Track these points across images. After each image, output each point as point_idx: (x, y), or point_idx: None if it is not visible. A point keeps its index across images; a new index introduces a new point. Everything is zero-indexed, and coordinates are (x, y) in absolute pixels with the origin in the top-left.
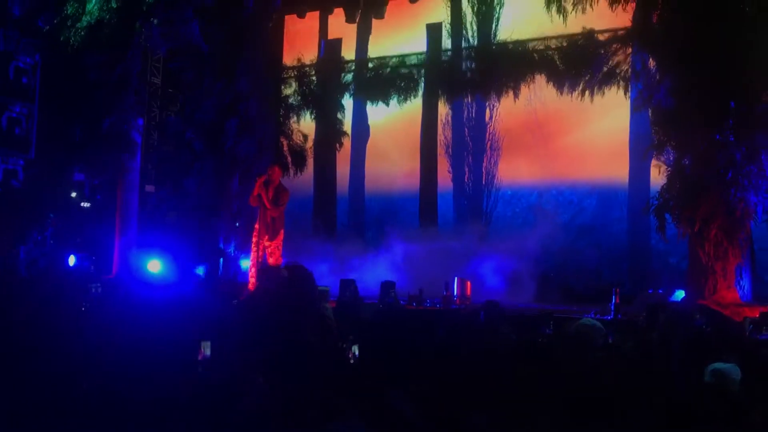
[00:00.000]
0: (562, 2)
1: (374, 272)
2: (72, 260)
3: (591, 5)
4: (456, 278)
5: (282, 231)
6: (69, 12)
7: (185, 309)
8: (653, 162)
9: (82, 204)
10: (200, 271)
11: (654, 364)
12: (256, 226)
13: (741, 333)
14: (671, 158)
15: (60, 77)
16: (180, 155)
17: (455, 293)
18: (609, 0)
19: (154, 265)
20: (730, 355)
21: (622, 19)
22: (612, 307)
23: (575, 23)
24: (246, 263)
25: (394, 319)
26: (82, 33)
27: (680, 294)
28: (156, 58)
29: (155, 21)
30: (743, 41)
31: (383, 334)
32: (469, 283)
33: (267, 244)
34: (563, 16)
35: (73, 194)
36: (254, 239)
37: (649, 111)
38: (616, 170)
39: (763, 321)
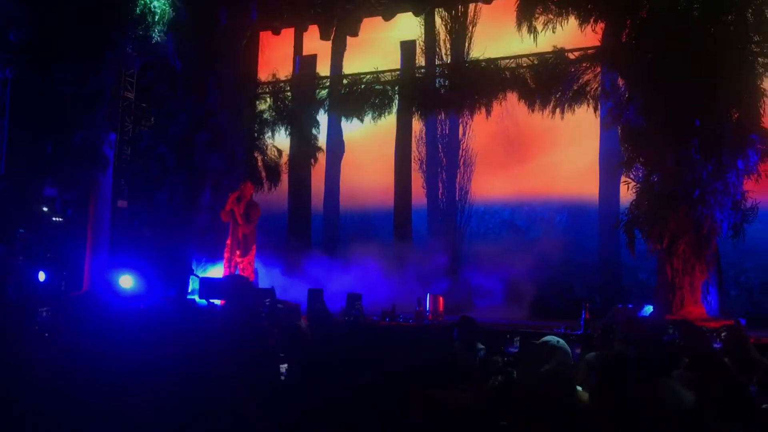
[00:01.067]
0: (533, 22)
1: (348, 288)
2: (42, 276)
3: (561, 25)
4: (428, 294)
5: (254, 246)
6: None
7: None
8: (623, 179)
9: (54, 219)
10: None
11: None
12: (228, 241)
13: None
14: (640, 175)
15: (31, 91)
16: (152, 170)
17: (428, 309)
18: (578, 21)
19: (126, 281)
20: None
21: (592, 38)
22: (582, 323)
23: (546, 42)
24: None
25: (359, 335)
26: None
27: (649, 309)
28: (129, 73)
29: (130, 36)
30: (709, 61)
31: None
32: (441, 298)
33: (239, 260)
34: (534, 35)
35: (45, 209)
36: (226, 255)
37: (619, 129)
38: (587, 187)
39: (716, 331)
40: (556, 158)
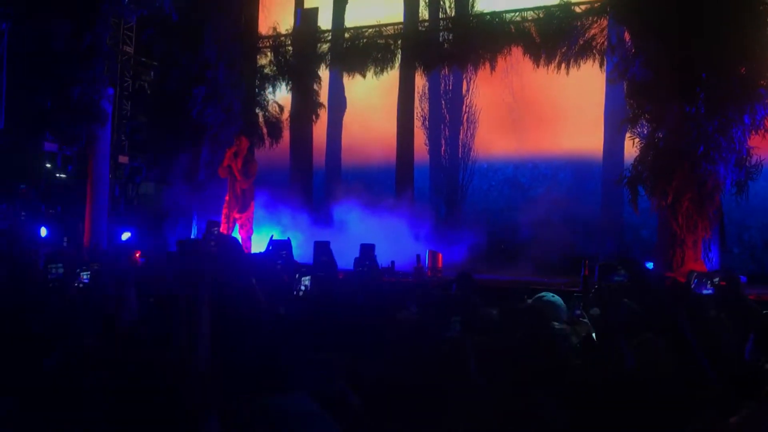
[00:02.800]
0: None
1: (347, 244)
2: (44, 231)
3: None
4: (427, 250)
5: (252, 203)
6: None
7: None
8: (627, 135)
9: (56, 175)
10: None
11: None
12: (227, 197)
13: (686, 289)
14: (645, 131)
15: (28, 46)
16: (152, 125)
17: (426, 265)
18: None
19: (127, 236)
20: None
21: None
22: (581, 280)
23: None
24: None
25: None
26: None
27: (649, 266)
28: (128, 27)
29: None
30: (717, 13)
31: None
32: (440, 255)
33: (237, 216)
34: None
35: (48, 165)
36: (224, 211)
37: (624, 84)
38: (591, 143)
39: (708, 276)
40: (560, 115)
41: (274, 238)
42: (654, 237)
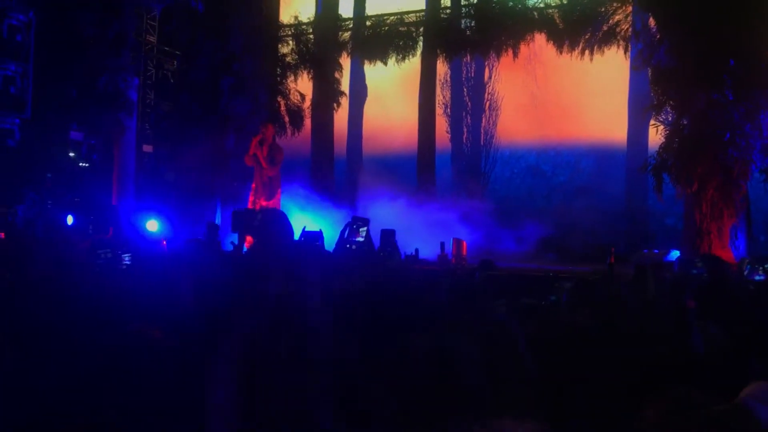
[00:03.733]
0: None
1: (372, 231)
2: (70, 220)
3: None
4: (452, 238)
5: (279, 190)
6: None
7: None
8: (652, 122)
9: (80, 164)
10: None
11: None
12: (253, 185)
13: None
14: (670, 118)
15: (55, 35)
16: (176, 115)
17: (451, 253)
18: None
19: (152, 225)
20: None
21: None
22: (607, 267)
23: None
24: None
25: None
26: None
27: (675, 254)
28: (151, 17)
29: None
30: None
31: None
32: (464, 243)
33: (264, 203)
34: None
35: (71, 154)
36: (251, 198)
37: (649, 71)
38: (615, 131)
39: (759, 262)
40: (583, 102)
41: (306, 229)
42: (678, 225)
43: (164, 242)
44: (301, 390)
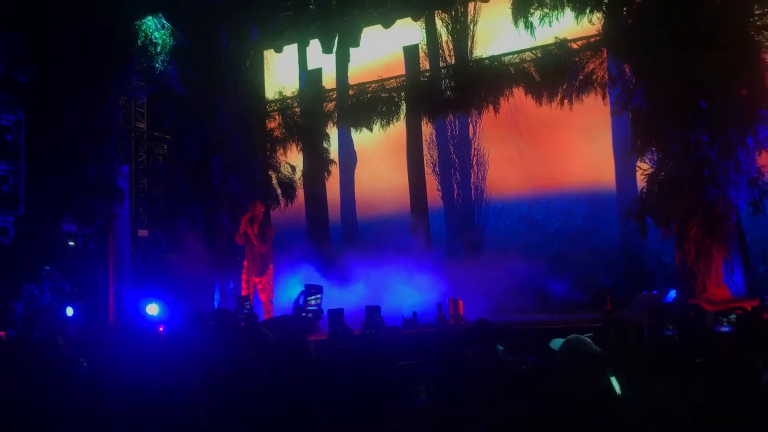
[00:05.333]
0: (529, 18)
1: (370, 297)
2: (69, 311)
3: (557, 18)
4: (448, 298)
5: (271, 266)
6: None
7: None
8: (637, 165)
9: (76, 254)
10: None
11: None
12: (245, 262)
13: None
14: (655, 159)
15: (43, 130)
16: (170, 197)
17: (448, 314)
18: (574, 12)
19: (152, 308)
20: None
21: (594, 26)
22: (605, 314)
23: (548, 33)
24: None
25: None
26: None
27: (672, 294)
28: (139, 104)
29: (134, 68)
30: (710, 39)
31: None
32: (461, 302)
33: (257, 280)
34: (531, 30)
35: (71, 243)
36: (244, 276)
37: (629, 114)
38: (603, 175)
39: (724, 313)
40: (569, 149)
41: (306, 284)
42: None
43: (161, 327)
44: None
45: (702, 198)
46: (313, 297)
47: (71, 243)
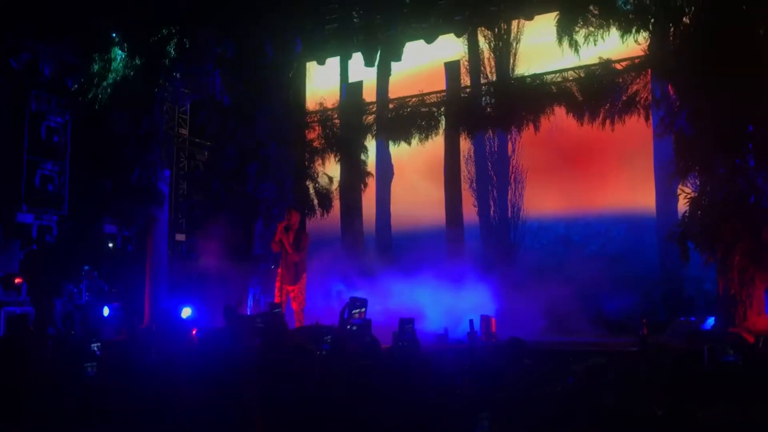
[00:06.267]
0: (574, 36)
1: (403, 309)
2: (106, 311)
3: (602, 37)
4: (480, 315)
5: (305, 275)
6: (95, 70)
7: None
8: (679, 188)
9: (115, 256)
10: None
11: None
12: (279, 270)
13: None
14: (697, 183)
15: (89, 133)
16: (208, 203)
17: (480, 330)
18: (620, 32)
19: (186, 312)
20: None
21: (639, 46)
22: (641, 340)
23: (593, 53)
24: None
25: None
26: (109, 90)
27: (711, 321)
28: (182, 111)
29: (177, 75)
30: (759, 62)
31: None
32: (493, 320)
33: (290, 288)
34: (575, 49)
35: (111, 245)
36: (277, 284)
37: (673, 137)
38: (643, 198)
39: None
40: (609, 170)
41: (351, 297)
42: (716, 289)
43: (194, 331)
44: None
45: (747, 225)
46: (357, 310)
47: (110, 244)
